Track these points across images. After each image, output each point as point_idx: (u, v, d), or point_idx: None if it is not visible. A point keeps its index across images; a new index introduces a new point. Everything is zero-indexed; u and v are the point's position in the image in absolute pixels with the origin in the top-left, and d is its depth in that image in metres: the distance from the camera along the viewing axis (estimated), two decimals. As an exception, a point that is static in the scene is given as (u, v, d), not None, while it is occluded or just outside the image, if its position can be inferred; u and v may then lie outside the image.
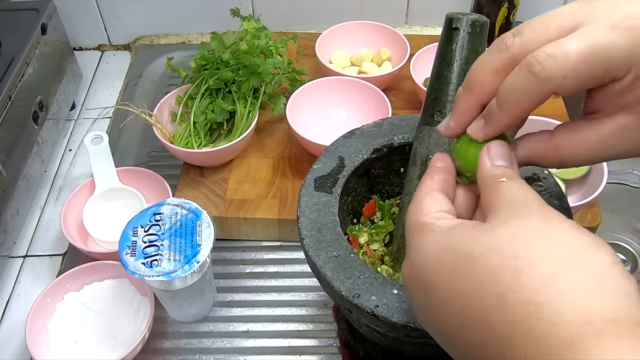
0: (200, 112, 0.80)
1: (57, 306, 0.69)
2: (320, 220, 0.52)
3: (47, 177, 0.89)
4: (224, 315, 0.72)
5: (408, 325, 0.44)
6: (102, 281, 0.71)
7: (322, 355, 0.68)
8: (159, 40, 1.11)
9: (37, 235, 0.82)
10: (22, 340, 0.68)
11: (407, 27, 1.10)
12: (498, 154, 0.36)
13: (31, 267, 0.79)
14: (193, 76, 0.85)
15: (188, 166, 0.82)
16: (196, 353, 0.68)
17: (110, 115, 0.98)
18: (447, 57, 0.48)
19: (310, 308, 0.72)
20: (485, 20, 0.47)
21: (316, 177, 0.55)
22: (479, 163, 0.36)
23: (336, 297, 0.48)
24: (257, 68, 0.79)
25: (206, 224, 0.62)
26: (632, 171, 0.85)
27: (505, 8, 0.89)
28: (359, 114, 0.84)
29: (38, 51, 0.85)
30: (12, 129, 0.77)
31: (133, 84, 1.02)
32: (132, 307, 0.69)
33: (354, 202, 0.61)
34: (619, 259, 0.29)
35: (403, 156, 0.60)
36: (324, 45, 0.93)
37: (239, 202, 0.77)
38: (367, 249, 0.59)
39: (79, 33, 1.09)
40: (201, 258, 0.60)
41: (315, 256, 0.49)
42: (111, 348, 0.66)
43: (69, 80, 0.96)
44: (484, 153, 0.36)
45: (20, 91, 0.79)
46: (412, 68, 0.86)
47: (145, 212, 0.63)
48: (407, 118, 0.60)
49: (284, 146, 0.85)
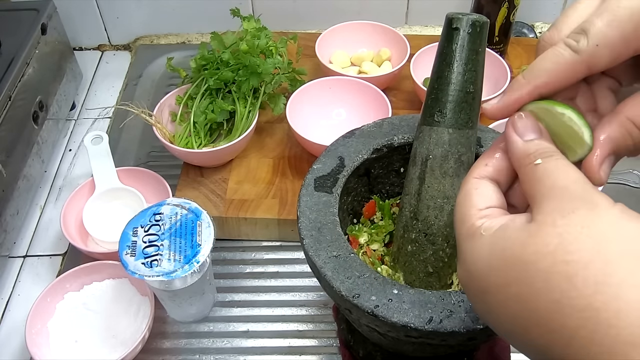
0: (200, 112, 0.80)
1: (57, 306, 0.69)
2: (320, 220, 0.52)
3: (47, 177, 0.89)
4: (224, 315, 0.72)
5: (408, 325, 0.44)
6: (102, 281, 0.71)
7: (322, 355, 0.68)
8: (159, 40, 1.11)
9: (37, 235, 0.82)
10: (22, 340, 0.68)
11: (407, 27, 1.10)
12: (526, 127, 0.34)
13: (31, 267, 0.79)
14: (193, 76, 0.85)
15: (188, 166, 0.82)
16: (196, 353, 0.68)
17: (110, 115, 0.98)
18: (447, 57, 0.48)
19: (310, 308, 0.72)
20: (485, 20, 0.47)
21: (316, 177, 0.55)
22: (508, 141, 0.34)
23: (336, 297, 0.48)
24: (257, 68, 0.79)
25: (206, 224, 0.62)
26: (632, 171, 0.85)
27: (505, 8, 0.89)
28: (359, 114, 0.84)
29: (38, 51, 0.85)
30: (12, 129, 0.77)
31: (133, 84, 1.02)
32: (132, 307, 0.69)
33: (354, 202, 0.61)
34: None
35: (403, 156, 0.60)
36: (324, 45, 0.93)
37: (239, 202, 0.77)
38: (367, 249, 0.59)
39: (79, 33, 1.09)
40: (201, 258, 0.60)
41: (315, 256, 0.49)
42: (111, 348, 0.66)
43: (69, 80, 0.96)
44: (509, 129, 0.34)
45: (20, 91, 0.79)
46: (412, 68, 0.86)
47: (145, 212, 0.63)
48: (407, 118, 0.60)
49: (284, 146, 0.85)
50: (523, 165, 0.33)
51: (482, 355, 0.61)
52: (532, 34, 1.06)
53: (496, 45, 0.94)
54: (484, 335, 0.45)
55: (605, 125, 0.34)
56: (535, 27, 1.08)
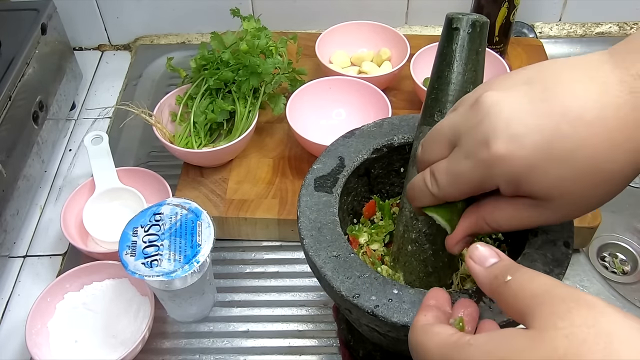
0: (200, 112, 0.80)
1: (57, 306, 0.69)
2: (320, 220, 0.52)
3: (47, 177, 0.89)
4: (224, 315, 0.72)
5: (408, 325, 0.44)
6: (102, 281, 0.71)
7: (322, 355, 0.68)
8: (159, 40, 1.11)
9: (37, 235, 0.82)
10: (22, 340, 0.68)
11: (407, 27, 1.10)
12: (484, 255, 0.36)
13: (31, 267, 0.79)
14: (193, 76, 0.85)
15: (188, 166, 0.82)
16: (196, 353, 0.68)
17: (110, 115, 0.98)
18: (447, 57, 0.48)
19: (310, 308, 0.72)
20: (485, 20, 0.47)
21: (316, 177, 0.55)
22: (472, 273, 0.36)
23: (336, 297, 0.48)
24: (257, 68, 0.79)
25: (206, 224, 0.62)
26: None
27: (505, 8, 0.89)
28: (359, 114, 0.84)
29: (38, 51, 0.85)
30: (12, 129, 0.77)
31: (133, 84, 1.02)
32: (132, 307, 0.69)
33: (354, 202, 0.61)
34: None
35: (403, 156, 0.60)
36: (324, 45, 0.93)
37: (239, 202, 0.77)
38: (367, 249, 0.59)
39: (79, 33, 1.09)
40: (201, 258, 0.60)
41: (315, 256, 0.49)
42: (111, 348, 0.66)
43: (69, 80, 0.96)
44: (470, 262, 0.36)
45: (20, 91, 0.79)
46: (412, 68, 0.86)
47: (145, 212, 0.63)
48: (407, 118, 0.60)
49: (284, 146, 0.85)
50: (495, 287, 0.34)
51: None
52: (532, 34, 1.06)
53: (496, 45, 0.94)
54: (484, 335, 0.45)
55: (466, 218, 0.43)
56: (535, 27, 1.09)
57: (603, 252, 0.82)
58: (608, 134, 0.35)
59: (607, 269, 0.80)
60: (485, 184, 0.39)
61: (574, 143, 0.35)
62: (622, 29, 1.09)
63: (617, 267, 0.81)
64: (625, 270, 0.81)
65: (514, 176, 0.37)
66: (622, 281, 0.79)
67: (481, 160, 0.37)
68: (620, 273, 0.80)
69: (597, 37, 1.08)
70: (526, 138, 0.36)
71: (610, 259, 0.82)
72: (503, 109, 0.37)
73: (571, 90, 0.36)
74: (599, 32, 1.09)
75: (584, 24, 1.09)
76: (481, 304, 0.45)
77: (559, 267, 0.47)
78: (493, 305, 0.44)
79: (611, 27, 1.09)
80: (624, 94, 0.35)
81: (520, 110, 0.36)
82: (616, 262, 0.81)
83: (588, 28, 1.09)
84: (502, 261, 0.36)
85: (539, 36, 1.07)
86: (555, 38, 1.08)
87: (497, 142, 0.36)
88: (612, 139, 0.35)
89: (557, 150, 0.35)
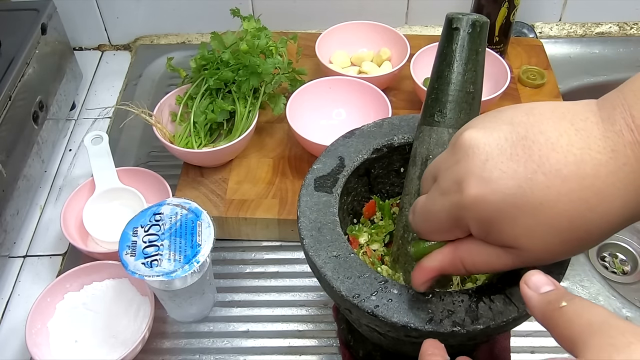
0: (200, 112, 0.80)
1: (57, 306, 0.69)
2: (320, 220, 0.52)
3: (47, 177, 0.89)
4: (224, 315, 0.72)
5: (408, 325, 0.44)
6: (102, 281, 0.71)
7: (322, 355, 0.68)
8: (159, 40, 1.11)
9: (37, 235, 0.82)
10: (22, 340, 0.68)
11: (407, 27, 1.10)
12: (540, 282, 0.34)
13: (31, 267, 0.79)
14: (193, 76, 0.85)
15: (188, 166, 0.82)
16: (196, 353, 0.68)
17: (110, 115, 0.98)
18: (447, 57, 0.48)
19: (310, 308, 0.72)
20: (485, 20, 0.47)
21: (316, 177, 0.55)
22: (525, 299, 0.35)
23: (336, 297, 0.48)
24: (257, 68, 0.79)
25: (206, 224, 0.62)
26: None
27: (505, 8, 0.89)
28: (359, 114, 0.84)
29: (38, 51, 0.85)
30: (12, 129, 0.77)
31: (133, 84, 1.03)
32: (132, 307, 0.69)
33: (354, 202, 0.61)
34: None
35: (403, 156, 0.60)
36: (324, 45, 0.93)
37: (239, 202, 0.77)
38: (367, 249, 0.59)
39: (79, 33, 1.09)
40: (201, 258, 0.60)
41: (315, 256, 0.49)
42: (111, 348, 0.66)
43: (69, 80, 0.96)
44: (524, 288, 0.35)
45: (20, 91, 0.79)
46: (412, 68, 0.86)
47: (145, 212, 0.63)
48: (407, 118, 0.60)
49: (284, 146, 0.85)
50: (548, 312, 0.33)
51: (482, 355, 0.61)
52: (532, 34, 1.06)
53: (496, 45, 0.94)
54: (484, 335, 0.45)
55: (444, 256, 0.42)
56: (535, 27, 1.09)
57: (603, 252, 0.82)
58: (582, 193, 0.34)
59: (607, 269, 0.80)
60: (457, 225, 0.39)
61: (547, 196, 0.34)
62: (622, 29, 1.09)
63: (617, 267, 0.81)
64: (625, 270, 0.81)
65: (483, 220, 0.37)
66: (622, 281, 0.79)
67: (453, 201, 0.38)
68: (620, 273, 0.80)
69: (597, 37, 1.08)
70: (499, 183, 0.35)
71: (610, 259, 0.82)
72: (481, 150, 0.37)
73: (553, 141, 0.35)
74: (599, 32, 1.09)
75: (584, 24, 1.09)
76: (481, 304, 0.45)
77: (559, 268, 0.47)
78: (493, 306, 0.44)
79: (611, 27, 1.09)
80: (606, 151, 0.34)
81: (498, 154, 0.36)
82: (616, 262, 0.81)
83: (588, 28, 1.09)
84: (558, 289, 0.34)
85: (539, 36, 1.07)
86: (555, 38, 1.08)
87: (470, 184, 0.36)
88: (586, 199, 0.34)
89: (528, 199, 0.35)
